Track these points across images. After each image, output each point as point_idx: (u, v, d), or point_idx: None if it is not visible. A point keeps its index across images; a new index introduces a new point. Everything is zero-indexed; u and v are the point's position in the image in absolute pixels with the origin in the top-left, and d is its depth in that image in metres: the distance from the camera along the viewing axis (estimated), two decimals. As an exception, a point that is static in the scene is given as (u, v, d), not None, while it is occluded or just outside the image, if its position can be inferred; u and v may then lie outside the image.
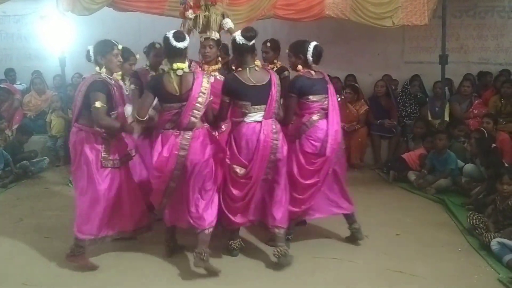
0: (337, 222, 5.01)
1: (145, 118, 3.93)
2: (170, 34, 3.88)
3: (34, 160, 7.35)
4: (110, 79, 4.04)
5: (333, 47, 8.11)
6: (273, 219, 4.15)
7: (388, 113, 7.75)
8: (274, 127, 4.09)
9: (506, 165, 5.50)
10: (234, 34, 4.14)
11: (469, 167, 6.04)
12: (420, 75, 8.47)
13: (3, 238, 4.80)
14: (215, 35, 4.85)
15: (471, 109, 7.57)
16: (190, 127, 3.87)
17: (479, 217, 4.70)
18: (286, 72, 5.24)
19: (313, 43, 4.38)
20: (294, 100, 4.33)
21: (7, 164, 6.92)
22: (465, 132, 6.99)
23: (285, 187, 4.24)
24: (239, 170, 4.07)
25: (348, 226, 4.61)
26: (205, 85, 3.88)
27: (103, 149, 4.00)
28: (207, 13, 4.99)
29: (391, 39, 8.50)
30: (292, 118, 4.40)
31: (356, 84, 8.02)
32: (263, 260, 4.23)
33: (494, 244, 4.19)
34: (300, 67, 4.41)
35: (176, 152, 3.84)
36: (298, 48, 4.44)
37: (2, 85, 8.42)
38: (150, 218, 4.43)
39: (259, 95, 4.06)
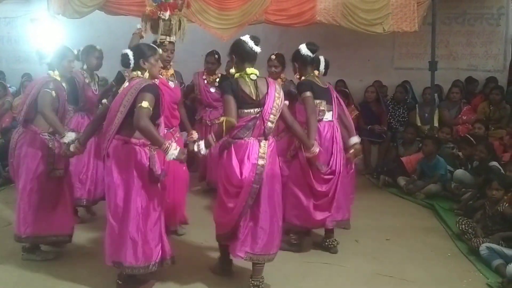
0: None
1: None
2: (247, 38, 3.74)
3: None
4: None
5: (324, 53, 8.01)
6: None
7: (378, 119, 7.79)
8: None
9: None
10: (299, 47, 4.42)
11: (459, 172, 6.09)
12: (410, 81, 8.54)
13: (-9, 242, 4.76)
14: (175, 39, 4.80)
15: (460, 115, 7.65)
16: (267, 134, 3.71)
17: (468, 222, 4.74)
18: None
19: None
20: None
21: (-4, 167, 6.84)
22: (453, 137, 7.06)
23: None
24: (322, 166, 4.31)
25: None
26: (279, 90, 3.77)
27: (151, 162, 3.62)
28: (175, 16, 4.93)
29: (382, 45, 8.55)
30: None
31: (347, 90, 8.05)
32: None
33: (483, 249, 4.23)
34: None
35: (255, 161, 3.63)
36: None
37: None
38: None
39: (328, 96, 4.51)
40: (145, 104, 3.43)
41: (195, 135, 3.68)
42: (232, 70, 3.82)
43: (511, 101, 7.64)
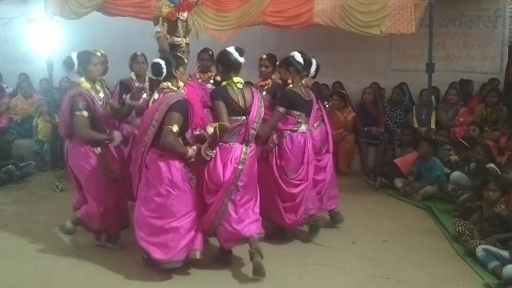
0: (325, 229, 5.04)
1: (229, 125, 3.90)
2: (232, 49, 3.98)
3: (20, 164, 7.28)
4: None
5: (321, 54, 8.11)
6: None
7: (376, 120, 7.80)
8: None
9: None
10: (293, 53, 4.57)
11: (456, 174, 6.10)
12: (407, 83, 8.55)
13: (-12, 243, 4.75)
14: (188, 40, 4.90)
15: (457, 117, 7.66)
16: (250, 140, 4.02)
17: (464, 224, 4.75)
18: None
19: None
20: None
21: (-8, 168, 6.83)
22: (450, 139, 7.08)
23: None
24: (292, 173, 4.55)
25: None
26: (260, 99, 4.10)
27: (186, 169, 3.91)
28: (191, 17, 4.92)
29: (379, 47, 8.57)
30: None
31: (344, 91, 8.07)
32: (249, 265, 4.20)
33: (480, 251, 4.24)
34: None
35: (236, 165, 3.94)
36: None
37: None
38: None
39: (308, 108, 4.68)
40: (175, 128, 3.72)
41: (210, 129, 3.98)
42: (218, 78, 4.11)
43: (508, 103, 7.66)
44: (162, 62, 3.87)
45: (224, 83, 4.01)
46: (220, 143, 3.93)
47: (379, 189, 6.71)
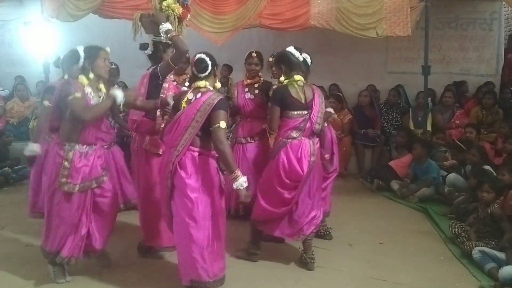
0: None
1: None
2: (292, 49, 4.28)
3: (16, 167, 7.26)
4: None
5: (318, 57, 8.12)
6: None
7: (372, 123, 7.82)
8: None
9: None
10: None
11: (452, 176, 6.11)
12: (403, 85, 8.58)
13: (-16, 246, 4.73)
14: None
15: (453, 119, 7.69)
16: (315, 133, 4.24)
17: (461, 226, 4.76)
18: None
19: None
20: None
21: (-12, 171, 6.82)
22: (446, 141, 7.10)
23: None
24: (330, 166, 4.71)
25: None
26: (322, 97, 4.34)
27: (221, 172, 3.69)
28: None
29: (375, 50, 8.59)
30: None
31: (340, 94, 8.09)
32: (246, 269, 4.23)
33: (476, 252, 4.25)
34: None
35: (309, 158, 4.11)
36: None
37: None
38: None
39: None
40: (223, 124, 3.51)
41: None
42: (282, 78, 4.26)
43: (504, 106, 7.70)
44: (207, 58, 3.66)
45: (285, 81, 4.20)
46: (289, 140, 4.09)
47: (376, 191, 6.72)
